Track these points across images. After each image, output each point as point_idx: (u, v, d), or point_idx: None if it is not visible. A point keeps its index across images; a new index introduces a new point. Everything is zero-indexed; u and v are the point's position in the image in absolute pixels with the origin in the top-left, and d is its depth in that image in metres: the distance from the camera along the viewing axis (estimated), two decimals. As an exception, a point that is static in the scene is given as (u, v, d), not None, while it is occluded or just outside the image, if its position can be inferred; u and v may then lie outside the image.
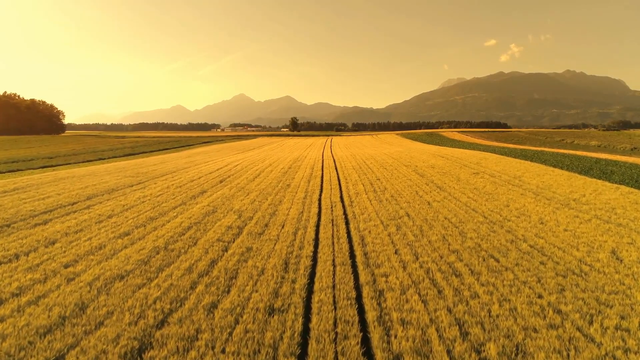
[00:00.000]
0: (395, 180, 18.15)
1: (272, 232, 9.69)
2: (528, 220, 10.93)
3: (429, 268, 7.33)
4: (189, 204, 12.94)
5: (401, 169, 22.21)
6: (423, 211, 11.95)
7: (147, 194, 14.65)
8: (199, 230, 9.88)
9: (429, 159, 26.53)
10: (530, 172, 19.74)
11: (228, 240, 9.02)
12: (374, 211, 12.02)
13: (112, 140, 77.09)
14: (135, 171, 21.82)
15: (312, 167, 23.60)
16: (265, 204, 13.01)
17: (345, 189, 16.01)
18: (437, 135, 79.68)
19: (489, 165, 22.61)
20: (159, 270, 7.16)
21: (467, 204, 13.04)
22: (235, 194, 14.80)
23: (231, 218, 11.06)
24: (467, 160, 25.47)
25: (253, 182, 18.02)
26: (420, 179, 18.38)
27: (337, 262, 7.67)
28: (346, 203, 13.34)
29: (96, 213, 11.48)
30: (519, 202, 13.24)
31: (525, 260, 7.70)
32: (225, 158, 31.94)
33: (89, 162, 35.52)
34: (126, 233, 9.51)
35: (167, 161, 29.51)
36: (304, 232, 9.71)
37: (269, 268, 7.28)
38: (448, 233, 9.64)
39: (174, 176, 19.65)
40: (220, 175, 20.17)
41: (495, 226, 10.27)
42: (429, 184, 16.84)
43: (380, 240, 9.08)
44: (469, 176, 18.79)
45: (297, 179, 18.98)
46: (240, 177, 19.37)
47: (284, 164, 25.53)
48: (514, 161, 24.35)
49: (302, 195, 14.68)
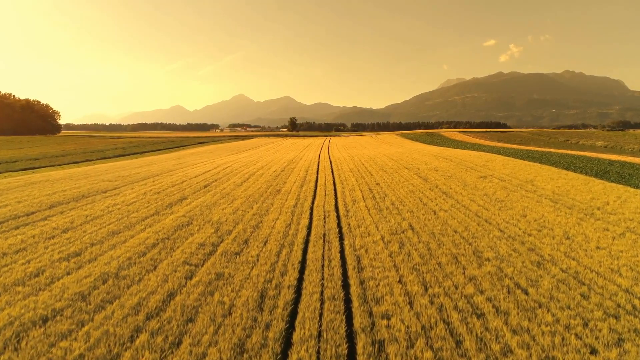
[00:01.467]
0: (396, 185, 16.60)
1: (251, 252, 8.13)
2: (551, 234, 9.39)
3: (441, 304, 5.78)
4: (162, 214, 11.37)
5: (402, 172, 20.66)
6: (429, 223, 10.40)
7: (119, 201, 13.08)
8: (165, 248, 8.32)
9: (431, 161, 24.99)
10: (542, 175, 18.21)
11: (196, 263, 7.46)
12: (372, 223, 10.46)
13: (106, 140, 75.47)
14: (116, 174, 20.24)
15: (306, 170, 22.04)
16: (249, 214, 11.44)
17: (341, 196, 14.45)
18: (437, 135, 78.15)
19: (497, 167, 21.07)
20: (97, 309, 5.60)
21: (478, 213, 11.50)
22: (218, 202, 13.23)
23: (206, 232, 9.50)
24: (473, 162, 23.94)
25: (240, 187, 16.46)
26: (424, 183, 16.83)
27: (326, 295, 6.12)
28: (341, 213, 11.78)
29: (51, 226, 9.91)
30: (537, 211, 11.70)
31: (561, 292, 6.16)
32: (216, 160, 30.36)
33: (75, 163, 33.92)
34: (76, 253, 7.93)
35: (154, 163, 27.94)
36: (289, 252, 8.15)
37: (239, 305, 5.72)
38: (460, 252, 8.09)
39: (155, 180, 18.07)
40: (206, 179, 18.60)
41: (516, 243, 8.72)
42: (434, 190, 15.30)
43: (380, 262, 7.53)
44: (477, 180, 17.25)
45: (289, 183, 17.42)
46: (228, 181, 17.80)
47: (277, 167, 23.97)
48: (522, 163, 22.82)
49: (293, 202, 13.12)
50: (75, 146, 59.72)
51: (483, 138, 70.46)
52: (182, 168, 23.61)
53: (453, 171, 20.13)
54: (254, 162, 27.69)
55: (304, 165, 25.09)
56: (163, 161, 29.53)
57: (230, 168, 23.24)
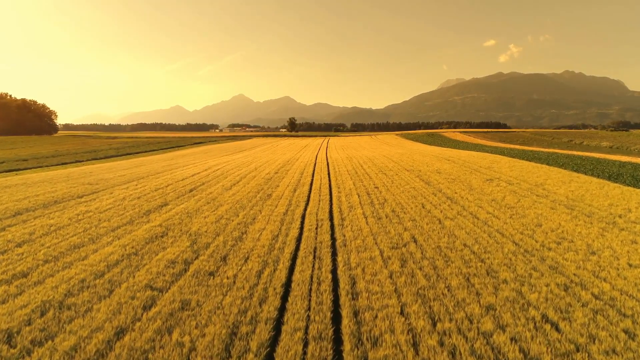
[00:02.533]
0: (396, 188, 15.44)
1: (228, 271, 6.97)
2: (573, 248, 8.24)
3: (454, 347, 4.62)
4: (136, 224, 10.21)
5: (403, 174, 19.50)
6: (434, 234, 9.25)
7: (93, 208, 11.91)
8: (129, 267, 7.16)
9: (433, 163, 23.83)
10: (553, 178, 17.06)
11: (161, 287, 6.30)
12: (370, 234, 9.31)
13: (101, 141, 74.29)
14: (100, 177, 19.07)
15: (301, 172, 20.87)
16: (234, 223, 10.28)
17: (337, 201, 13.29)
18: (438, 135, 77.00)
19: (503, 170, 19.92)
20: (19, 356, 4.44)
21: (487, 222, 10.35)
22: (201, 208, 12.07)
23: (181, 246, 8.34)
24: (477, 163, 22.80)
25: (229, 190, 15.30)
26: (426, 187, 15.67)
27: (311, 332, 4.96)
28: (336, 221, 10.62)
29: (6, 238, 8.74)
30: (553, 220, 10.54)
31: (601, 329, 5.00)
32: (209, 161, 29.18)
33: (64, 164, 32.77)
34: (22, 274, 6.77)
35: (144, 164, 26.76)
36: (272, 271, 6.99)
37: (201, 349, 4.56)
38: (472, 272, 6.94)
39: (139, 183, 16.90)
40: (193, 182, 17.43)
41: (534, 259, 7.57)
42: (437, 194, 14.14)
43: (378, 285, 6.37)
44: (483, 184, 16.10)
45: (281, 186, 16.26)
46: (216, 185, 16.64)
47: (271, 168, 22.81)
48: (529, 165, 21.68)
49: (283, 209, 11.96)
50: (69, 147, 58.54)
51: (484, 138, 69.28)
52: (171, 170, 22.44)
53: (457, 174, 18.97)
54: (247, 163, 26.53)
55: (299, 167, 23.93)
56: (154, 162, 28.36)
57: (221, 170, 22.07)
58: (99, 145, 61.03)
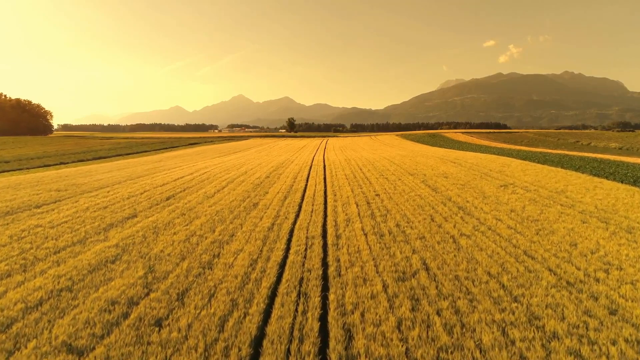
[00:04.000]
0: (399, 196, 13.70)
1: (182, 319, 5.21)
2: (627, 279, 6.51)
3: None
4: (88, 243, 8.44)
5: (406, 178, 17.76)
6: (449, 258, 7.50)
7: (45, 222, 10.14)
8: (52, 310, 5.41)
9: (438, 165, 22.10)
10: (574, 184, 15.34)
11: (82, 347, 4.55)
12: (370, 258, 7.56)
13: (94, 141, 72.48)
14: (72, 182, 17.29)
15: (295, 176, 19.11)
16: (207, 242, 8.53)
17: (332, 212, 11.54)
18: (440, 136, 75.19)
19: (516, 174, 18.18)
20: None
21: (511, 240, 8.62)
22: (173, 222, 10.31)
23: (132, 277, 6.58)
24: (486, 167, 21.07)
25: (211, 198, 13.54)
26: (433, 194, 13.93)
27: None
28: (330, 239, 8.86)
29: None
30: (588, 237, 8.80)
31: None
32: (198, 163, 27.40)
33: (47, 167, 31.01)
34: None
35: (128, 167, 24.99)
36: (240, 319, 5.23)
37: None
38: (508, 319, 5.19)
39: (112, 190, 15.14)
40: (174, 188, 15.67)
41: (584, 297, 5.84)
42: (447, 204, 12.40)
43: (383, 345, 4.62)
44: (497, 190, 14.36)
45: (271, 193, 14.51)
46: (198, 192, 14.88)
47: (262, 172, 21.05)
48: (543, 168, 19.95)
49: (269, 222, 10.21)
50: (59, 147, 56.74)
51: (487, 139, 67.55)
52: (154, 173, 20.68)
53: (466, 178, 17.23)
54: (238, 165, 24.76)
55: (293, 170, 22.17)
56: (139, 165, 26.58)
57: (208, 173, 20.31)
58: (90, 146, 59.24)
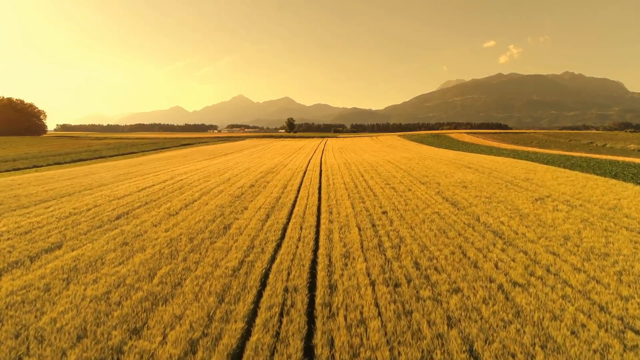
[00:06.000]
0: (413, 215, 10.77)
1: None
2: None
3: None
4: (-52, 304, 5.52)
5: (417, 189, 14.83)
6: (509, 339, 4.57)
7: None
8: None
9: (452, 172, 19.16)
10: (626, 197, 12.40)
11: None
12: (384, 340, 4.63)
13: (81, 142, 69.49)
14: (14, 193, 14.36)
15: (284, 186, 16.17)
16: (131, 302, 5.59)
17: (326, 242, 8.58)
18: (444, 137, 72.10)
19: (547, 182, 15.25)
20: None
21: (590, 295, 5.70)
22: (102, 259, 7.38)
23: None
24: (508, 172, 18.14)
25: (174, 217, 10.61)
26: (455, 212, 11.00)
27: None
28: (319, 295, 5.91)
29: None
30: None
31: None
32: (179, 167, 24.43)
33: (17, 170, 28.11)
34: None
35: (97, 172, 22.05)
36: None
37: None
38: None
39: (54, 205, 12.20)
40: (132, 202, 12.73)
41: None
42: (476, 226, 9.47)
43: None
44: (534, 206, 11.43)
45: (250, 210, 11.58)
46: (161, 207, 11.94)
47: (248, 179, 18.11)
48: (577, 176, 17.02)
49: (237, 261, 7.28)
50: (42, 149, 53.82)
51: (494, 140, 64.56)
52: (120, 181, 17.74)
53: (489, 188, 14.30)
54: (223, 170, 21.82)
55: (284, 176, 19.23)
56: (112, 169, 23.62)
57: (183, 182, 17.36)
58: (76, 147, 56.30)
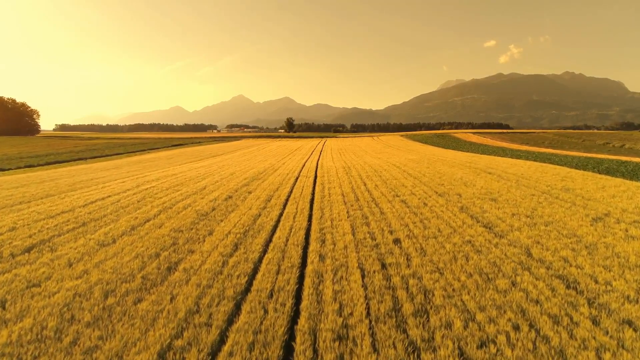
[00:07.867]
0: (438, 247, 7.73)
1: None
2: None
3: None
4: None
5: (435, 203, 11.79)
6: None
7: None
8: None
9: (472, 179, 16.13)
10: None
11: None
12: None
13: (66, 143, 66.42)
14: None
15: (268, 197, 13.11)
16: None
17: (311, 305, 5.56)
18: (449, 137, 69.00)
19: (596, 194, 12.20)
20: None
21: None
22: None
23: None
24: (539, 180, 15.11)
25: (104, 249, 7.60)
26: (496, 241, 7.95)
27: None
28: None
29: None
30: None
31: None
32: (153, 173, 21.40)
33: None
34: None
35: (59, 177, 19.04)
36: None
37: None
38: None
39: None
40: (59, 225, 9.69)
41: None
42: (533, 269, 6.44)
43: None
44: (595, 230, 8.39)
45: (215, 237, 8.54)
46: (95, 232, 8.92)
47: (226, 188, 15.07)
48: (629, 185, 13.99)
49: (162, 342, 4.27)
50: (24, 149, 50.80)
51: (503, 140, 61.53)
52: (74, 191, 14.73)
53: (525, 203, 11.26)
54: (201, 177, 18.80)
55: (272, 184, 16.20)
56: (74, 174, 20.60)
57: (147, 192, 14.31)
58: (60, 148, 53.27)
